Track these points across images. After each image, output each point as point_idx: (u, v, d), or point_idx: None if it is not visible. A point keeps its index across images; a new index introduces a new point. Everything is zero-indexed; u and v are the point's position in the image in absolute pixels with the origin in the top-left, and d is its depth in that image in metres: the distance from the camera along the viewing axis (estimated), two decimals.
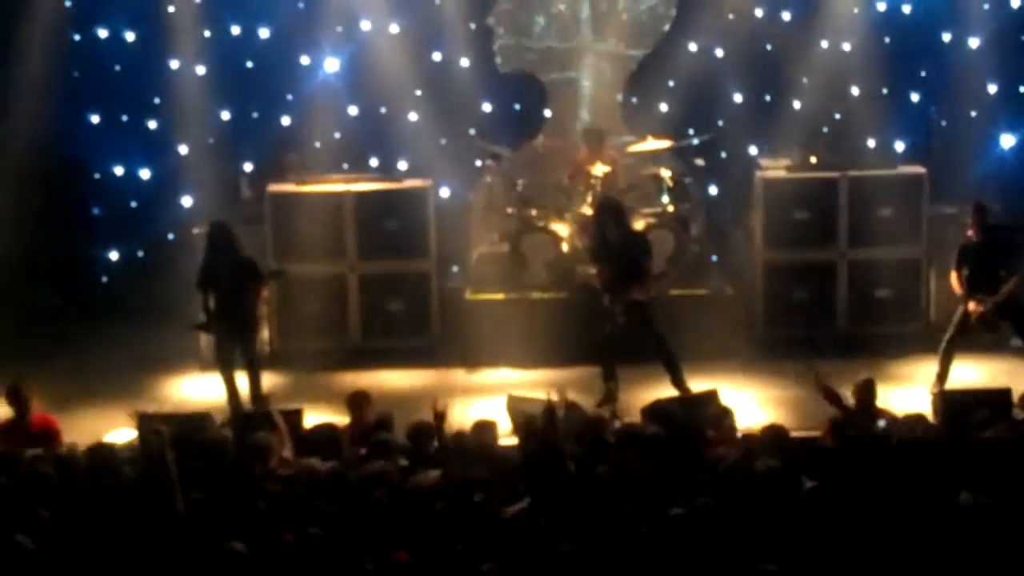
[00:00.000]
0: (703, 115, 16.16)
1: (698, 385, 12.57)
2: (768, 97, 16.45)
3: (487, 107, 16.53)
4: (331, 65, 16.30)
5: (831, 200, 14.52)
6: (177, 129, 16.09)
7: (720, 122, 16.27)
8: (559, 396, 11.18)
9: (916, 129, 16.47)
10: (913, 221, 14.51)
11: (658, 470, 9.00)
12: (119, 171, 16.50)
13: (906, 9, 16.51)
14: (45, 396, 11.84)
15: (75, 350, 14.71)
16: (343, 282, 14.56)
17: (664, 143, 15.26)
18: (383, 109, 16.26)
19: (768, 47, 16.35)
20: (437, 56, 16.39)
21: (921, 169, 14.81)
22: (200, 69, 16.01)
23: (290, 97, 16.38)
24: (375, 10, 15.93)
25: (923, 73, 16.62)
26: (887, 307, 14.50)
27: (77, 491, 8.93)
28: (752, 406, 12.57)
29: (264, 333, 13.97)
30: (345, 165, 15.68)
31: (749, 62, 16.26)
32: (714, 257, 15.78)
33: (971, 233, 12.99)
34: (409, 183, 14.91)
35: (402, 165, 15.92)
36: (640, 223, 14.36)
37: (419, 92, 16.03)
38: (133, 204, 16.58)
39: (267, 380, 13.13)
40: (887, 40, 16.25)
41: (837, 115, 16.38)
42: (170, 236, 16.03)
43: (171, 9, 15.86)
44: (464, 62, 16.36)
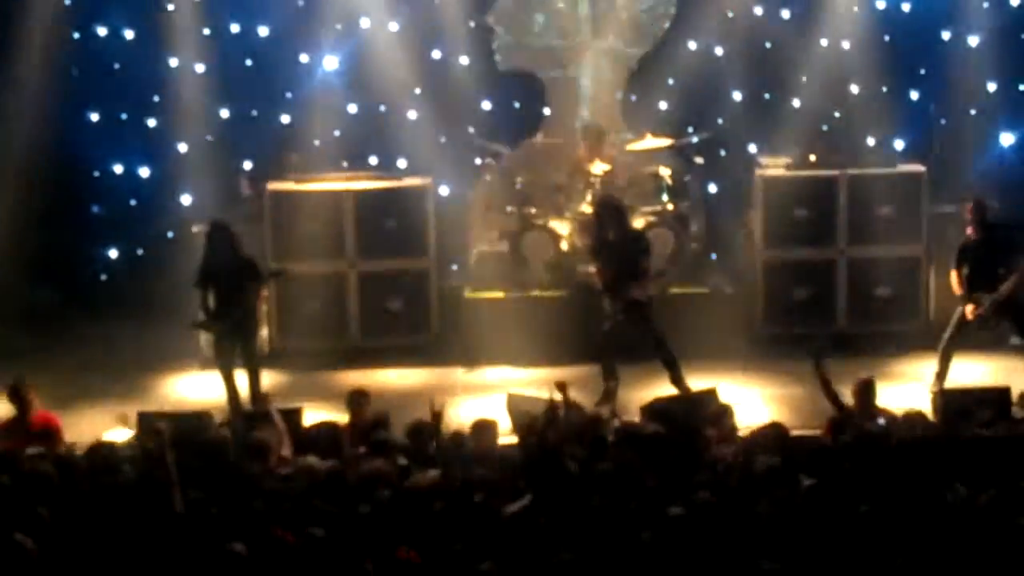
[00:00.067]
0: (703, 113, 16.16)
1: (697, 383, 12.57)
2: (767, 95, 16.44)
3: (486, 105, 16.50)
4: (330, 63, 16.27)
5: (831, 198, 14.53)
6: (176, 127, 16.07)
7: (719, 120, 16.25)
8: (559, 393, 11.20)
9: (916, 127, 16.47)
10: (912, 219, 14.52)
11: (658, 469, 9.00)
12: (118, 169, 16.50)
13: (905, 7, 16.50)
14: (44, 395, 11.83)
15: (74, 348, 14.71)
16: (342, 280, 14.55)
17: (664, 141, 15.27)
18: (382, 107, 16.23)
19: (768, 45, 16.33)
20: (436, 54, 16.36)
21: (920, 167, 14.82)
22: (199, 67, 15.99)
23: (289, 95, 16.36)
24: (374, 8, 15.89)
25: (922, 71, 16.60)
26: (886, 306, 14.50)
27: (77, 490, 8.92)
28: (751, 404, 12.55)
29: (263, 332, 13.96)
30: (344, 163, 15.67)
31: (748, 60, 16.24)
32: (713, 255, 15.81)
33: (969, 230, 12.99)
34: (408, 181, 14.91)
35: (401, 163, 15.90)
36: (639, 221, 14.36)
37: (418, 90, 16.01)
38: (132, 202, 16.59)
39: (266, 379, 13.11)
40: (887, 38, 16.23)
41: (836, 113, 16.37)
42: (169, 234, 16.01)
43: (170, 7, 15.86)
44: (463, 60, 16.32)
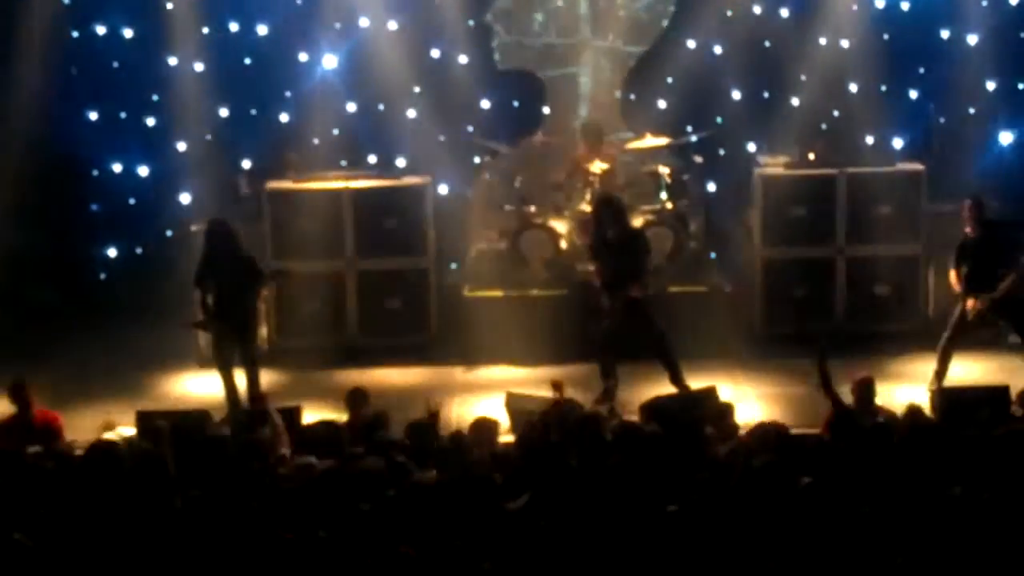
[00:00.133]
0: (702, 112, 16.15)
1: (696, 382, 12.58)
2: (767, 94, 16.43)
3: (486, 104, 16.49)
4: (329, 62, 16.26)
5: (829, 197, 14.53)
6: (175, 126, 16.06)
7: (719, 119, 16.24)
8: (557, 390, 11.21)
9: (915, 126, 16.45)
10: (911, 218, 14.52)
11: (657, 467, 9.00)
12: (117, 168, 16.48)
13: (905, 6, 16.48)
14: (44, 393, 11.85)
15: (73, 348, 14.69)
16: (341, 279, 14.55)
17: (663, 140, 15.27)
18: (381, 106, 16.22)
19: (767, 44, 16.31)
20: (436, 53, 16.35)
21: (919, 166, 14.82)
22: (198, 66, 15.97)
23: (288, 94, 16.34)
24: (373, 7, 15.88)
25: (921, 70, 16.58)
26: (885, 304, 14.51)
27: (76, 488, 8.93)
28: (750, 403, 12.57)
29: (262, 331, 13.96)
30: (343, 162, 15.66)
31: (748, 59, 16.22)
32: (712, 254, 15.79)
33: (968, 229, 12.99)
34: (407, 180, 14.91)
35: (400, 162, 15.89)
36: (639, 220, 14.36)
37: (417, 89, 16.01)
38: (132, 201, 16.57)
39: (265, 378, 13.11)
40: (886, 37, 16.22)
41: (835, 112, 16.37)
42: (169, 233, 16.03)
43: (169, 6, 15.83)
44: (463, 59, 16.31)
